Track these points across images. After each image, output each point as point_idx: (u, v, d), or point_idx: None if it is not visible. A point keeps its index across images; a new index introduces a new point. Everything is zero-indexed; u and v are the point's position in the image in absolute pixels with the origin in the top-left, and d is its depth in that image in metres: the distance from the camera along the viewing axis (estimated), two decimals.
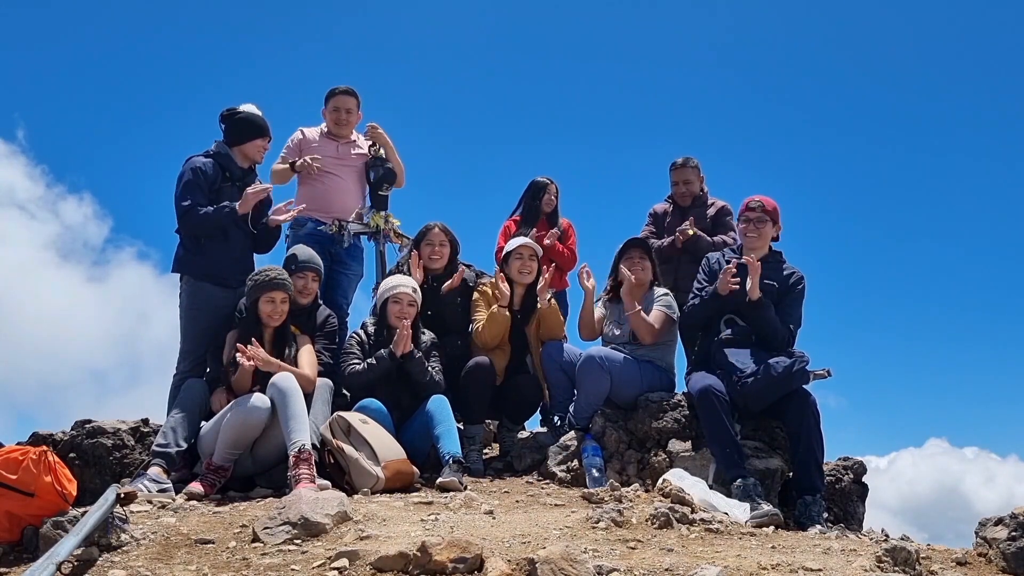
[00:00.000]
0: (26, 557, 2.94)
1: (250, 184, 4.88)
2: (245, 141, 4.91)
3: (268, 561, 2.74)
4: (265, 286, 4.41)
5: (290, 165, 5.56)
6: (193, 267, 4.80)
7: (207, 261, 4.76)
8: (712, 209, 5.82)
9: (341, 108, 5.68)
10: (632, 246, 5.00)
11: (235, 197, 4.80)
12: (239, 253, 4.87)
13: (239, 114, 4.91)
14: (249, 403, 4.08)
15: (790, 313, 4.43)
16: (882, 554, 2.83)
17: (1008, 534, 3.14)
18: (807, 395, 4.16)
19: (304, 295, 4.70)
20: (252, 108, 4.98)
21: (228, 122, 4.93)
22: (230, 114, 4.92)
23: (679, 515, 3.34)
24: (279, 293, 4.42)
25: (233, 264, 4.79)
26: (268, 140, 5.01)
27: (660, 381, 4.70)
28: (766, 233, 4.52)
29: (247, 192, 4.75)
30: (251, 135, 4.91)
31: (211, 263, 4.75)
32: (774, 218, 4.53)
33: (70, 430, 4.75)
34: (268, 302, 4.41)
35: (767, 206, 4.51)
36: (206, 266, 4.76)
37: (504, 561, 2.56)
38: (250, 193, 4.74)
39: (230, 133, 4.92)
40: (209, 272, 4.75)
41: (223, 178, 4.84)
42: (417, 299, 4.78)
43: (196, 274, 4.78)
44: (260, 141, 4.95)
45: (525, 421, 5.30)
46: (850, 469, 4.72)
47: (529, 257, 5.09)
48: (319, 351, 4.61)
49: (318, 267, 4.82)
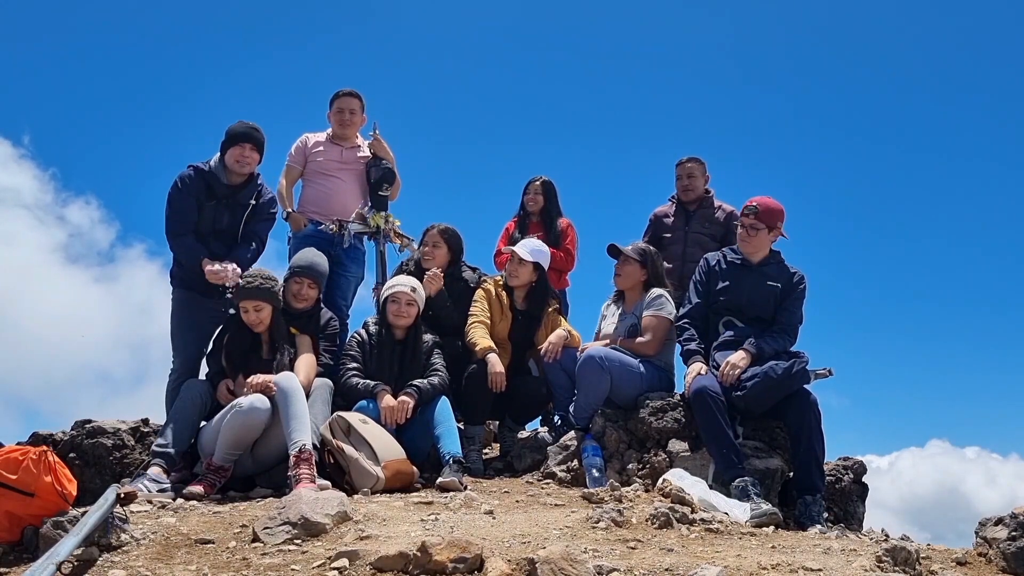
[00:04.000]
0: (26, 557, 2.94)
1: (239, 201, 4.84)
2: (224, 153, 4.86)
3: (268, 561, 2.74)
4: (241, 294, 4.43)
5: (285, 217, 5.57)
6: (180, 280, 4.87)
7: (194, 276, 4.77)
8: (721, 213, 5.80)
9: (345, 109, 5.71)
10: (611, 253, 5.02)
11: (217, 215, 4.80)
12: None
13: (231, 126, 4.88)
14: (249, 403, 4.08)
15: (792, 313, 4.42)
16: (882, 554, 2.83)
17: (1008, 534, 3.14)
18: (808, 395, 4.15)
19: (299, 300, 4.66)
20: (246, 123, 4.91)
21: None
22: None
23: (679, 515, 3.34)
24: (251, 302, 4.41)
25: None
26: (249, 147, 4.83)
27: (660, 381, 4.70)
28: (760, 239, 4.47)
29: (207, 271, 4.62)
30: (227, 145, 4.84)
31: (197, 277, 4.75)
32: (770, 223, 4.44)
33: (70, 430, 4.76)
34: (243, 311, 4.44)
35: (762, 209, 4.43)
36: (193, 280, 4.79)
37: (504, 561, 2.56)
38: (208, 272, 4.62)
39: (221, 145, 4.90)
40: (196, 285, 4.78)
41: (208, 195, 4.79)
42: (417, 299, 4.78)
43: (185, 286, 4.84)
44: (235, 149, 4.81)
45: (529, 423, 5.31)
46: (850, 469, 4.71)
47: (518, 261, 5.08)
48: (320, 352, 4.61)
49: (316, 274, 4.75)
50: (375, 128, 5.83)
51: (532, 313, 5.10)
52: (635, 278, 4.91)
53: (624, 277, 4.94)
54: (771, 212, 4.45)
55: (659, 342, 4.72)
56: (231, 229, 4.89)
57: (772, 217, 4.45)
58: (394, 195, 5.85)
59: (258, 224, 5.00)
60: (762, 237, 4.47)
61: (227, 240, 4.87)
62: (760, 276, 4.47)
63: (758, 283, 4.45)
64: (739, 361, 4.17)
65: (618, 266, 4.98)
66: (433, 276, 5.06)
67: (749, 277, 4.47)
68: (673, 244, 5.77)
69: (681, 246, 5.74)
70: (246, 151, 4.83)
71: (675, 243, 5.78)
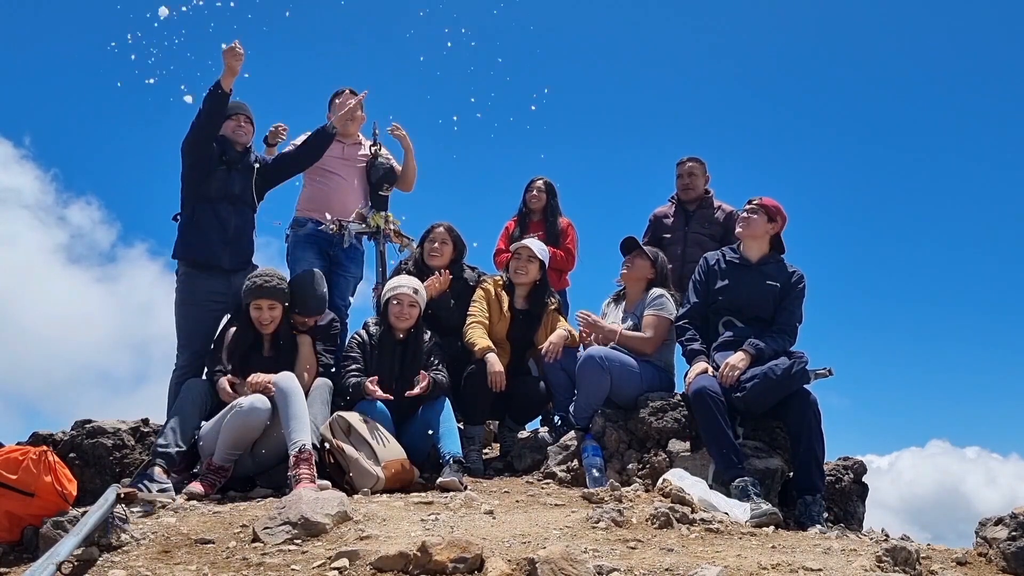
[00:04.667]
0: (26, 557, 2.94)
1: (244, 166, 4.91)
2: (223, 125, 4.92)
3: (268, 561, 2.74)
4: (253, 293, 4.42)
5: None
6: (186, 250, 4.81)
7: (199, 242, 4.75)
8: (720, 213, 5.80)
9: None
10: (625, 248, 5.02)
11: (228, 181, 4.83)
12: (233, 234, 4.84)
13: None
14: (249, 403, 4.08)
15: (792, 313, 4.42)
16: (882, 554, 2.83)
17: (1008, 534, 3.14)
18: (808, 395, 4.15)
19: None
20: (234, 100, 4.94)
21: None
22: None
23: (679, 515, 3.34)
24: (265, 301, 4.41)
25: (226, 246, 4.79)
26: (243, 119, 4.94)
27: (660, 381, 4.70)
28: (757, 225, 4.47)
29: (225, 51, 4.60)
30: (222, 120, 4.90)
31: (203, 245, 4.74)
32: (771, 215, 4.48)
33: (70, 430, 4.76)
34: (256, 309, 4.42)
35: (766, 201, 4.48)
36: (198, 248, 4.76)
37: (504, 561, 2.56)
38: (226, 52, 4.59)
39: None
40: (201, 257, 4.76)
41: (218, 160, 4.84)
42: (419, 299, 4.78)
43: (189, 260, 4.80)
44: (230, 122, 4.89)
45: (529, 423, 5.31)
46: (850, 469, 4.71)
47: (527, 258, 5.09)
48: (320, 353, 4.61)
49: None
50: (375, 128, 5.84)
51: (532, 312, 5.11)
52: (644, 273, 4.92)
53: (634, 269, 4.93)
54: (773, 206, 4.49)
55: (659, 340, 4.72)
56: (243, 195, 4.91)
57: (772, 210, 4.49)
58: (410, 185, 5.88)
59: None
60: (760, 223, 4.47)
61: (239, 205, 4.89)
62: (759, 275, 4.46)
63: (757, 282, 4.45)
64: (738, 362, 4.17)
65: (630, 258, 4.97)
66: (444, 277, 5.06)
67: (748, 276, 4.47)
68: (672, 245, 5.76)
69: (680, 246, 5.74)
70: (241, 121, 4.94)
71: (674, 244, 5.77)
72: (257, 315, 4.42)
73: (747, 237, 4.52)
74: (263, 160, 5.13)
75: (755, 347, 4.22)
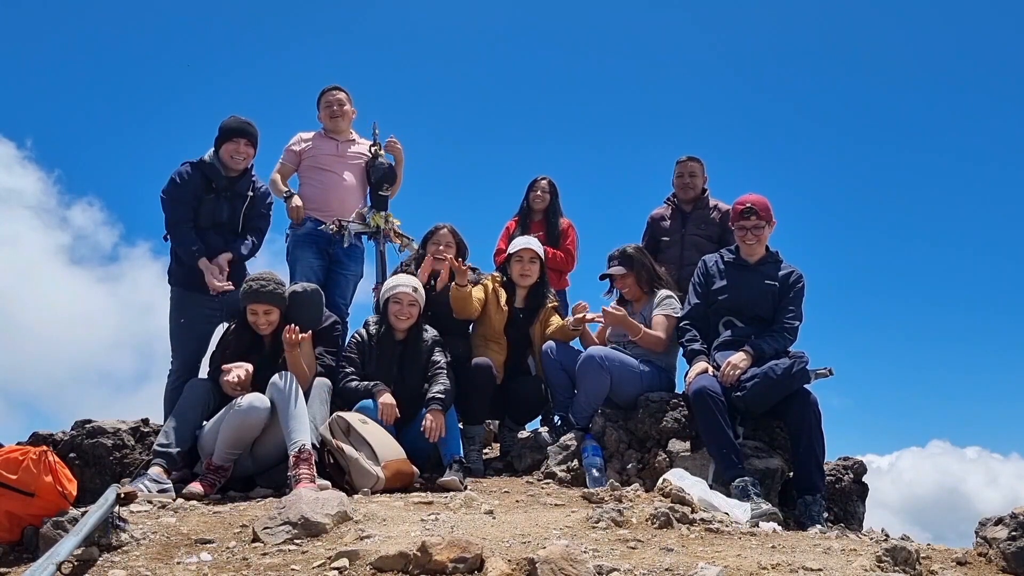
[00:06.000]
0: (26, 557, 2.94)
1: (238, 193, 4.90)
2: (219, 147, 4.89)
3: (268, 561, 2.74)
4: (249, 297, 4.41)
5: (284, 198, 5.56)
6: (179, 278, 4.87)
7: (192, 274, 4.77)
8: (716, 213, 5.79)
9: (333, 102, 5.78)
10: (611, 260, 5.03)
11: (216, 209, 4.84)
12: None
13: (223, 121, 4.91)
14: (248, 403, 4.08)
15: (792, 312, 4.42)
16: (882, 554, 2.83)
17: (1008, 534, 3.13)
18: (808, 395, 4.15)
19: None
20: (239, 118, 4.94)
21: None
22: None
23: (679, 515, 3.34)
24: (261, 306, 4.40)
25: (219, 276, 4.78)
26: (244, 143, 4.87)
27: (660, 381, 4.70)
28: (765, 237, 4.52)
29: (207, 276, 4.68)
30: (222, 140, 4.88)
31: (193, 274, 4.76)
32: (768, 218, 4.50)
33: (70, 430, 4.75)
34: (252, 313, 4.42)
35: (759, 207, 4.46)
36: (192, 278, 4.78)
37: (504, 561, 2.55)
38: (207, 274, 4.69)
39: (215, 141, 4.93)
40: (194, 284, 4.78)
41: (206, 188, 4.82)
42: (418, 298, 4.78)
43: (183, 284, 4.85)
44: (229, 145, 4.85)
45: (528, 423, 5.31)
46: (850, 469, 4.71)
47: (530, 260, 5.10)
48: (320, 354, 4.60)
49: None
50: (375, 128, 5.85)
51: (531, 309, 5.12)
52: (635, 285, 4.95)
53: (628, 290, 5.00)
54: (766, 207, 4.50)
55: (669, 340, 4.74)
56: (231, 222, 4.92)
57: (768, 212, 4.51)
58: (394, 193, 5.87)
59: (257, 219, 5.04)
60: (766, 234, 4.52)
61: (227, 234, 4.90)
62: (758, 276, 4.47)
63: (756, 283, 4.45)
64: (739, 362, 4.17)
65: (617, 284, 5.04)
66: (464, 268, 4.91)
67: (747, 277, 4.48)
68: (670, 247, 5.76)
69: (678, 249, 5.72)
70: (240, 146, 4.88)
71: (672, 246, 5.76)
72: (254, 320, 4.42)
73: (755, 252, 4.52)
74: (260, 191, 5.06)
75: (755, 346, 4.22)
